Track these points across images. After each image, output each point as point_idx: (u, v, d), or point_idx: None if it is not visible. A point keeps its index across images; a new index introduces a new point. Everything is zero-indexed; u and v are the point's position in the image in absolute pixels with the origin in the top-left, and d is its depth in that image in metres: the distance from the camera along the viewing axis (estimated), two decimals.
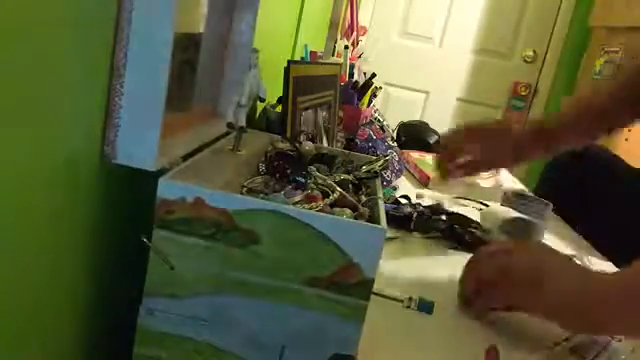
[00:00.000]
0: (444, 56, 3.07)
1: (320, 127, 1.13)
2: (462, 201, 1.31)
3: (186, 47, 0.70)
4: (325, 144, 1.10)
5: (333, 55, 1.86)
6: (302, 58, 1.41)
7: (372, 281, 0.51)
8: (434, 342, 0.69)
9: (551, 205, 1.16)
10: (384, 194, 1.02)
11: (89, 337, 0.58)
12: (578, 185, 1.53)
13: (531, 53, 3.01)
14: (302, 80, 0.99)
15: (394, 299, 0.73)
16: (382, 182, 0.90)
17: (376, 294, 0.70)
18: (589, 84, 2.73)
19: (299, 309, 0.53)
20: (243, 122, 0.66)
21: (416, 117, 2.81)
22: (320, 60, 1.44)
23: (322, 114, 1.14)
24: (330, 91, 1.20)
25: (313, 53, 1.42)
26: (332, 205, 0.62)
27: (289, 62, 0.93)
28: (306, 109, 1.03)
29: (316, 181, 0.65)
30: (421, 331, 0.71)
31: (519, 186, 1.63)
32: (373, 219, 0.60)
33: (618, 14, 2.50)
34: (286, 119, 0.92)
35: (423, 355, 0.66)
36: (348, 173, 0.72)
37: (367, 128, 1.34)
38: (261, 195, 0.61)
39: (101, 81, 0.49)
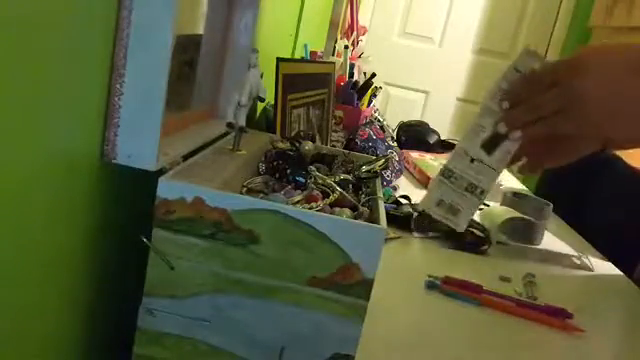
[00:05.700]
0: (444, 56, 3.07)
1: (313, 125, 1.13)
2: None
3: (186, 47, 0.70)
4: (318, 142, 1.10)
5: (333, 55, 1.86)
6: (302, 58, 1.41)
7: (372, 281, 0.51)
8: (434, 342, 0.69)
9: (551, 205, 1.16)
10: (384, 194, 1.02)
11: (89, 337, 0.58)
12: (578, 185, 1.53)
13: None
14: (292, 78, 0.99)
15: None
16: (382, 182, 0.90)
17: None
18: None
19: (299, 309, 0.53)
20: (243, 122, 0.66)
21: (416, 117, 2.80)
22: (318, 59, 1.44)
23: (315, 112, 1.14)
24: (323, 89, 1.20)
25: (313, 53, 1.42)
26: (332, 205, 0.62)
27: (278, 59, 0.93)
28: (297, 107, 1.03)
29: (316, 181, 0.65)
30: (421, 331, 0.71)
31: (519, 186, 1.63)
32: (373, 219, 0.60)
33: (618, 14, 2.50)
34: (276, 116, 0.93)
35: (423, 355, 0.66)
36: (348, 173, 0.72)
37: (367, 128, 1.34)
38: (261, 195, 0.61)
39: (101, 81, 0.49)
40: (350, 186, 0.70)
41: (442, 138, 1.89)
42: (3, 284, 0.41)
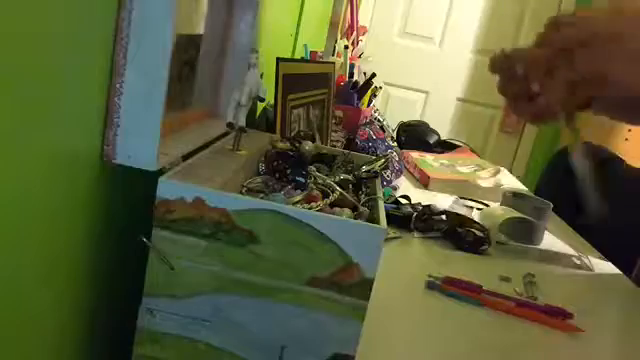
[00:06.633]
0: (444, 56, 3.07)
1: (313, 125, 1.13)
2: (462, 201, 1.31)
3: (186, 47, 0.70)
4: (318, 142, 1.10)
5: (333, 55, 1.86)
6: (302, 58, 1.41)
7: (372, 281, 0.51)
8: (434, 342, 0.69)
9: (551, 205, 1.16)
10: (384, 194, 1.02)
11: (89, 337, 0.58)
12: (578, 185, 1.53)
13: None
14: (292, 78, 0.99)
15: None
16: (382, 182, 0.90)
17: None
18: None
19: (299, 309, 0.53)
20: (243, 122, 0.66)
21: (416, 117, 2.81)
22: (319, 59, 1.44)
23: (315, 112, 1.14)
24: (323, 89, 1.20)
25: (313, 53, 1.42)
26: (332, 205, 0.62)
27: (278, 59, 0.93)
28: (297, 107, 1.03)
29: (316, 181, 0.65)
30: (421, 331, 0.71)
31: (519, 186, 1.63)
32: (373, 219, 0.60)
33: None
34: (276, 116, 0.93)
35: (423, 355, 0.66)
36: (348, 173, 0.72)
37: (367, 128, 1.34)
38: (261, 195, 0.61)
39: (101, 81, 0.49)
40: (350, 186, 0.70)
41: (442, 138, 1.89)
42: (3, 284, 0.41)
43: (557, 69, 0.54)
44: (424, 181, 1.42)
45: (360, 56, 1.72)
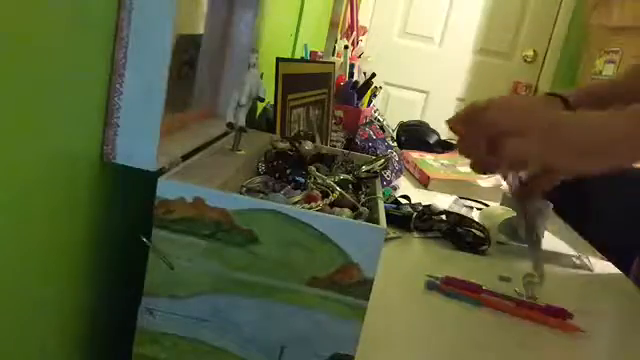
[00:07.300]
0: (444, 56, 3.07)
1: (313, 125, 1.13)
2: (462, 201, 1.31)
3: (186, 47, 0.70)
4: (318, 142, 1.10)
5: (333, 55, 1.86)
6: (302, 58, 1.41)
7: (372, 281, 0.51)
8: (434, 342, 0.69)
9: (551, 205, 1.16)
10: (384, 194, 1.02)
11: (89, 337, 0.58)
12: (577, 185, 1.53)
13: (531, 53, 3.01)
14: (292, 78, 0.99)
15: None
16: (382, 182, 0.90)
17: None
18: (589, 84, 2.74)
19: (299, 309, 0.53)
20: (243, 122, 0.66)
21: (416, 117, 2.80)
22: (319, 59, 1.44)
23: (315, 112, 1.14)
24: (323, 89, 1.20)
25: (313, 53, 1.42)
26: (332, 205, 0.62)
27: (277, 59, 0.93)
28: (297, 107, 1.03)
29: (316, 181, 0.65)
30: (421, 331, 0.71)
31: None
32: (373, 219, 0.60)
33: (618, 14, 2.50)
34: (276, 116, 0.93)
35: (423, 355, 0.66)
36: (348, 173, 0.72)
37: (367, 128, 1.34)
38: (260, 195, 0.61)
39: (101, 81, 0.49)
40: (350, 186, 0.70)
41: (442, 138, 1.89)
42: (4, 284, 0.41)
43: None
44: (424, 181, 1.42)
45: (360, 56, 1.72)
